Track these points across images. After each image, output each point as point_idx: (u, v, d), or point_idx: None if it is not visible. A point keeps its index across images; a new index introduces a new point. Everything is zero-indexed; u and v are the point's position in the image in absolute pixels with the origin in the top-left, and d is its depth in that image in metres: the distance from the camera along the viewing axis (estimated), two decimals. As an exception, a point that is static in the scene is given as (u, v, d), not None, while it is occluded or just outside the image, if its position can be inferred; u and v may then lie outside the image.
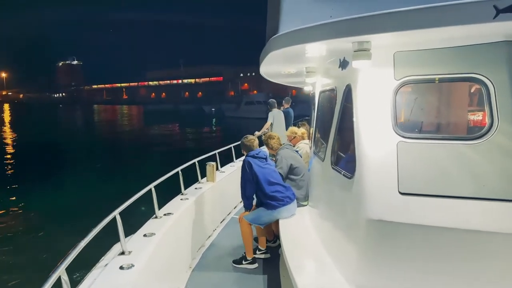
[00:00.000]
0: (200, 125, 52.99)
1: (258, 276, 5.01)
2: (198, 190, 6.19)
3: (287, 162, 5.48)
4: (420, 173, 2.84)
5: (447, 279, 2.75)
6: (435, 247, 2.75)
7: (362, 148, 3.02)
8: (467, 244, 2.67)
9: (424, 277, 2.81)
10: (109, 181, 17.32)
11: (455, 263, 2.72)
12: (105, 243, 3.77)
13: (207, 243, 6.10)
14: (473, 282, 2.70)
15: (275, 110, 10.87)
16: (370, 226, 2.90)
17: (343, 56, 3.61)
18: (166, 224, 4.57)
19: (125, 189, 5.33)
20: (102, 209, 3.76)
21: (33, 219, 12.31)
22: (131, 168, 20.86)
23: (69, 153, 28.05)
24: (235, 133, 41.31)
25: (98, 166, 22.23)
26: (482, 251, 2.65)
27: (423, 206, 2.77)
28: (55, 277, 2.49)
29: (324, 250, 3.81)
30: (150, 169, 19.99)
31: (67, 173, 19.60)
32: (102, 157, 26.02)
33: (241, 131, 35.77)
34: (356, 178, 3.07)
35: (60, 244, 5.27)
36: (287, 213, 5.03)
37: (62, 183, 17.00)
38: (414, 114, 3.11)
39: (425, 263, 2.80)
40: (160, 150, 29.88)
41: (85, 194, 14.56)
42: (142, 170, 18.55)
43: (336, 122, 3.82)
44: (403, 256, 2.86)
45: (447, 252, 2.72)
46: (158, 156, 26.27)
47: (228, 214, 7.47)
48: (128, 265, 3.39)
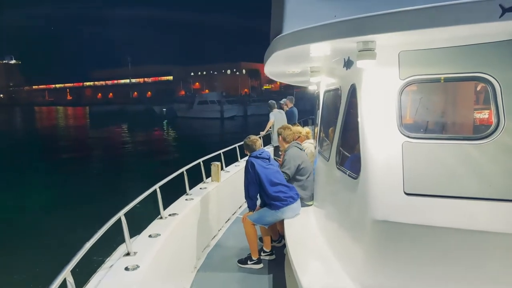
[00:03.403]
0: (150, 126, 50.59)
1: (263, 276, 5.04)
2: (203, 190, 6.19)
3: (295, 163, 5.39)
4: (426, 173, 2.83)
5: (453, 279, 2.73)
6: (440, 248, 2.73)
7: (367, 148, 3.02)
8: (473, 244, 2.66)
9: (430, 278, 2.78)
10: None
11: (461, 263, 2.71)
12: (111, 244, 3.82)
13: (212, 243, 6.16)
14: (480, 282, 2.67)
15: (275, 110, 10.91)
16: (376, 226, 2.89)
17: (347, 56, 3.59)
18: (171, 224, 4.57)
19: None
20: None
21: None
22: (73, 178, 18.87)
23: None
24: (189, 134, 40.09)
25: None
26: (488, 252, 2.64)
27: (428, 207, 2.76)
28: (60, 280, 2.50)
29: (330, 251, 3.81)
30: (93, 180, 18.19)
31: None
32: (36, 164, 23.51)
33: (196, 132, 34.62)
34: (361, 178, 3.07)
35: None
36: (291, 213, 5.04)
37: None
38: (419, 114, 3.11)
39: (430, 264, 2.78)
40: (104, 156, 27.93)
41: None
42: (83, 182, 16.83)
43: (341, 122, 3.81)
44: (408, 256, 2.85)
45: (453, 252, 2.71)
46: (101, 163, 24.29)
47: (233, 213, 7.51)
48: (134, 266, 3.40)
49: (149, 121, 56.65)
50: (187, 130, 46.16)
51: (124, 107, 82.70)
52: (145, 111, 73.04)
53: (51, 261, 3.96)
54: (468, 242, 2.66)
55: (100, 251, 3.53)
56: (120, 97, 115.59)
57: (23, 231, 11.46)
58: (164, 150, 31.39)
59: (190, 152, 6.90)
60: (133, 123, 54.32)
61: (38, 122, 72.66)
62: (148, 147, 33.05)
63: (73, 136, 46.43)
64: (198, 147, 26.64)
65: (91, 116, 77.88)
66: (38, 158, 26.30)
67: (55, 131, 50.82)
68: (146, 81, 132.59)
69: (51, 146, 34.21)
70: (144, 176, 18.00)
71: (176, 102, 76.05)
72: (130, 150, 32.01)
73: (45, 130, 54.64)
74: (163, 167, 20.86)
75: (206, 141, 31.12)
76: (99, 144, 35.90)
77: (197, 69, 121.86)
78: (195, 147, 27.51)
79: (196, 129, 47.17)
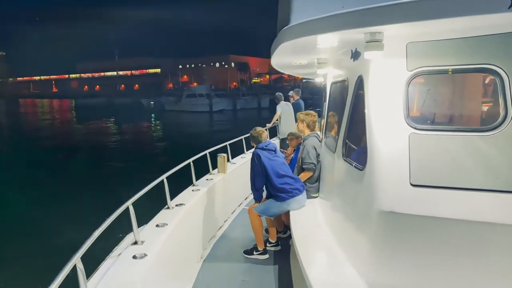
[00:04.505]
0: (138, 120, 49.84)
1: (269, 267, 5.09)
2: (210, 181, 6.25)
3: (316, 151, 5.34)
4: (432, 165, 2.82)
5: (459, 271, 2.71)
6: (447, 240, 2.72)
7: (373, 139, 3.01)
8: (479, 236, 2.64)
9: (436, 269, 2.77)
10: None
11: (467, 255, 2.69)
12: (118, 233, 3.91)
13: (219, 234, 6.21)
14: (486, 274, 2.66)
15: (283, 103, 10.87)
16: (381, 218, 2.88)
17: (355, 47, 3.56)
18: (178, 214, 4.64)
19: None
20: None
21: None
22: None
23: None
24: (178, 128, 39.64)
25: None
26: (495, 244, 2.62)
27: (435, 198, 2.75)
28: (70, 266, 2.54)
29: (335, 242, 3.82)
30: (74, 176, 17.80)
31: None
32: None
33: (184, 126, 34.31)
34: (367, 170, 3.06)
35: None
36: (297, 204, 5.05)
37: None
38: (427, 106, 3.11)
39: (436, 255, 2.76)
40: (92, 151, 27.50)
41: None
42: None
43: (347, 114, 3.80)
44: (414, 248, 2.84)
45: (459, 244, 2.69)
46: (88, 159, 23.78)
47: (239, 205, 7.55)
48: (141, 254, 3.44)
49: (137, 115, 55.84)
50: (175, 123, 45.56)
51: (111, 100, 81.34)
52: (133, 104, 71.84)
53: (59, 251, 4.17)
54: (474, 233, 2.64)
55: (108, 240, 3.57)
56: (107, 89, 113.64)
57: (30, 222, 11.44)
58: (151, 145, 30.96)
59: (180, 147, 6.89)
60: (120, 116, 53.43)
61: (22, 115, 71.23)
62: (137, 141, 32.57)
63: (61, 129, 45.54)
64: (187, 141, 26.27)
65: (77, 109, 76.41)
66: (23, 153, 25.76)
67: (40, 125, 49.76)
68: (134, 73, 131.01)
69: (36, 140, 33.37)
70: (136, 170, 17.93)
71: (164, 95, 75.16)
72: (118, 144, 31.48)
73: (29, 123, 53.56)
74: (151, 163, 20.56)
75: (195, 136, 30.74)
76: (85, 139, 35.35)
77: (185, 61, 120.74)
78: (184, 142, 27.15)
79: (184, 123, 46.66)
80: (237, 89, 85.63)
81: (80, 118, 58.34)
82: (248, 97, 70.25)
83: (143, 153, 25.92)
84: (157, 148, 28.83)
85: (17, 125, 50.79)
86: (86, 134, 38.36)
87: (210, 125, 46.92)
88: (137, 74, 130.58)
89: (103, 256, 3.47)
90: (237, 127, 37.77)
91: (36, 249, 9.53)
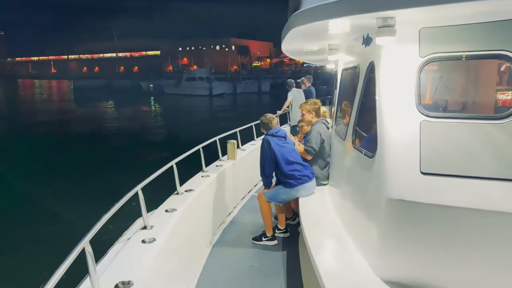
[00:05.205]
0: (137, 103, 49.49)
1: (277, 253, 5.14)
2: (219, 168, 6.28)
3: (320, 137, 5.34)
4: (443, 153, 2.78)
5: (469, 260, 2.68)
6: (456, 228, 2.68)
7: (384, 126, 2.97)
8: (490, 225, 2.60)
9: (445, 258, 2.74)
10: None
11: (477, 244, 2.65)
12: (128, 218, 3.92)
13: (228, 220, 6.27)
14: (497, 264, 2.62)
15: (294, 89, 10.78)
16: (391, 205, 2.86)
17: (366, 33, 3.53)
18: (188, 200, 4.68)
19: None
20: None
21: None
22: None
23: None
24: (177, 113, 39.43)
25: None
26: (506, 233, 2.58)
27: (445, 186, 2.70)
28: (79, 249, 2.55)
29: (344, 229, 3.82)
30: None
31: None
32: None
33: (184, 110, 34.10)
34: (377, 157, 3.03)
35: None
36: (306, 191, 5.06)
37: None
38: (439, 93, 3.06)
39: (446, 244, 2.73)
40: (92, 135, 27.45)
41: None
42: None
43: (358, 100, 3.75)
44: (423, 236, 2.80)
45: (469, 233, 2.66)
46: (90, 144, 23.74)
47: (249, 191, 7.59)
48: (150, 239, 3.47)
49: (136, 97, 55.49)
50: (175, 108, 45.23)
51: (110, 82, 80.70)
52: (132, 86, 71.27)
53: (67, 235, 4.15)
54: (485, 222, 2.61)
55: (117, 224, 3.60)
56: (106, 71, 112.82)
57: (35, 207, 11.40)
58: (152, 130, 30.84)
59: (179, 132, 6.92)
60: (119, 99, 53.10)
61: (21, 95, 70.81)
62: (136, 125, 32.41)
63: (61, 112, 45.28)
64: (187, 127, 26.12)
65: (75, 90, 75.84)
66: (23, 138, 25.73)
67: (38, 107, 49.47)
68: (133, 55, 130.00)
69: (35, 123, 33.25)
70: (138, 156, 18.22)
71: (164, 78, 74.46)
72: (117, 128, 31.34)
73: (27, 104, 53.28)
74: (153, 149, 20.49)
75: (195, 121, 30.54)
76: (84, 122, 35.16)
77: (185, 44, 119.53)
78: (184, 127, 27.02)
79: (184, 106, 46.33)
80: (238, 72, 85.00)
81: (79, 100, 57.95)
82: (249, 81, 69.74)
83: (143, 138, 25.82)
84: (158, 133, 28.70)
85: (16, 106, 50.47)
86: (85, 117, 38.11)
87: (210, 110, 46.67)
88: (136, 56, 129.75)
89: (112, 241, 3.50)
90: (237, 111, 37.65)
91: (43, 233, 9.53)
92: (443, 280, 2.73)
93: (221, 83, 65.43)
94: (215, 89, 61.88)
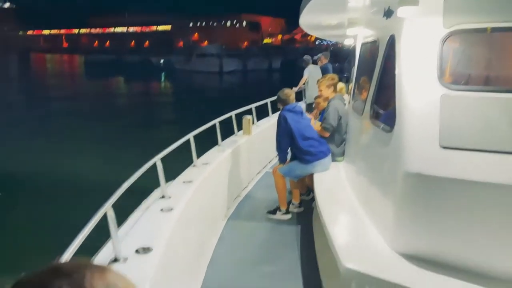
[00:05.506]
0: (148, 78, 49.40)
1: (291, 227, 5.23)
2: (234, 143, 6.39)
3: (338, 114, 5.30)
4: (464, 127, 2.73)
5: (488, 236, 2.62)
6: (475, 203, 2.63)
7: (403, 100, 2.92)
8: (510, 200, 2.52)
9: (462, 232, 2.70)
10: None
11: (496, 219, 2.60)
12: (146, 189, 3.99)
13: (243, 194, 6.38)
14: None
15: (311, 66, 10.54)
16: (408, 180, 2.82)
17: (388, 5, 3.44)
18: (204, 173, 4.76)
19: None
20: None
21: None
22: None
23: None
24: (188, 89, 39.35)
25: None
26: None
27: (464, 161, 2.65)
28: (101, 213, 2.60)
29: (359, 205, 3.79)
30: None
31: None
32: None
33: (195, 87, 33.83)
34: (395, 131, 2.99)
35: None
36: (321, 167, 5.08)
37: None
38: (462, 66, 3.02)
39: (464, 219, 2.69)
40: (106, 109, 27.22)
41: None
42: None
43: (377, 75, 3.70)
44: (440, 210, 2.75)
45: (488, 208, 2.61)
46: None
47: (263, 167, 7.66)
48: (168, 208, 3.57)
49: (147, 73, 55.37)
50: (187, 83, 45.10)
51: (120, 57, 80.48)
52: (142, 62, 71.05)
53: (89, 201, 4.07)
54: (504, 197, 2.56)
55: (136, 195, 3.70)
56: (117, 46, 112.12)
57: (53, 175, 11.60)
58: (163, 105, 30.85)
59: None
60: (130, 74, 53.02)
61: (33, 69, 71.07)
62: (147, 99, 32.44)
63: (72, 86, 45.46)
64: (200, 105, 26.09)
65: (86, 65, 75.84)
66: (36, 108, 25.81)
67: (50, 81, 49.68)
68: (144, 30, 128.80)
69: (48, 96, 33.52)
70: (152, 129, 18.48)
71: (174, 54, 73.91)
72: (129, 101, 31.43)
73: (39, 78, 53.53)
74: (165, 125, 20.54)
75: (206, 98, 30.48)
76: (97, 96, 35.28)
77: (196, 19, 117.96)
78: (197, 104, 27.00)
79: (194, 84, 46.19)
80: (248, 49, 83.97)
81: (90, 74, 58.02)
82: (259, 58, 68.93)
83: (156, 114, 25.89)
84: (170, 110, 28.75)
85: (29, 80, 50.78)
86: (97, 91, 38.23)
87: (221, 86, 46.46)
88: (147, 31, 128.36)
89: (131, 210, 3.58)
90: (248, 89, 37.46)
91: (67, 199, 9.67)
92: (460, 254, 2.72)
93: (232, 59, 64.78)
94: (226, 66, 61.31)
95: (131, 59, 76.68)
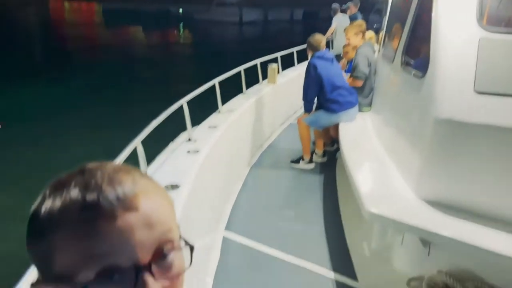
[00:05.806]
0: (166, 29, 48.57)
1: (314, 176, 5.31)
2: (259, 91, 6.35)
3: (368, 61, 5.11)
4: (502, 71, 2.58)
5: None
6: (508, 150, 2.52)
7: (438, 42, 2.78)
8: None
9: (494, 183, 2.62)
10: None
11: None
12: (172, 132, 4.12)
13: (266, 144, 6.46)
14: None
15: (339, 15, 10.23)
16: (438, 126, 2.71)
17: None
18: (229, 119, 4.84)
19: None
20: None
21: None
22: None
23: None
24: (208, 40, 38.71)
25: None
26: None
27: (501, 107, 2.52)
28: (132, 147, 2.70)
29: (385, 153, 3.74)
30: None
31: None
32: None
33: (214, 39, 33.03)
34: (428, 76, 2.87)
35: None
36: (347, 117, 4.99)
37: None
38: (503, 7, 2.84)
39: (494, 166, 2.59)
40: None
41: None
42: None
43: (411, 19, 3.57)
44: (470, 157, 2.66)
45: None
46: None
47: (288, 118, 7.68)
48: (195, 150, 3.65)
49: (165, 22, 54.39)
50: (206, 34, 44.18)
51: (138, 5, 78.92)
52: (161, 10, 69.60)
53: (119, 135, 4.17)
54: None
55: (163, 138, 3.82)
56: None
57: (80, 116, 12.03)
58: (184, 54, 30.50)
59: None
60: (148, 23, 52.21)
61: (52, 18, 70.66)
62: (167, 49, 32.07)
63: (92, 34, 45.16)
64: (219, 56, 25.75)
65: (105, 14, 74.80)
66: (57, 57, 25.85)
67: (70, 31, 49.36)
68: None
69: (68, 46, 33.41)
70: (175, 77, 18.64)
71: (193, 3, 72.01)
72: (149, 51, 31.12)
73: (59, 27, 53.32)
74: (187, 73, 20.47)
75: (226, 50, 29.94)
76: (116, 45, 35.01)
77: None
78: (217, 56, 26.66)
79: (213, 34, 45.25)
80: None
81: (109, 24, 57.33)
82: (280, 8, 66.68)
83: (178, 63, 25.64)
84: (191, 60, 28.42)
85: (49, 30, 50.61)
86: (116, 40, 37.94)
87: (240, 37, 45.40)
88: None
89: (157, 152, 3.70)
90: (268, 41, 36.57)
91: (85, 143, 9.86)
92: (487, 202, 2.68)
93: (252, 9, 62.85)
94: (246, 15, 59.63)
95: (149, 7, 75.17)
